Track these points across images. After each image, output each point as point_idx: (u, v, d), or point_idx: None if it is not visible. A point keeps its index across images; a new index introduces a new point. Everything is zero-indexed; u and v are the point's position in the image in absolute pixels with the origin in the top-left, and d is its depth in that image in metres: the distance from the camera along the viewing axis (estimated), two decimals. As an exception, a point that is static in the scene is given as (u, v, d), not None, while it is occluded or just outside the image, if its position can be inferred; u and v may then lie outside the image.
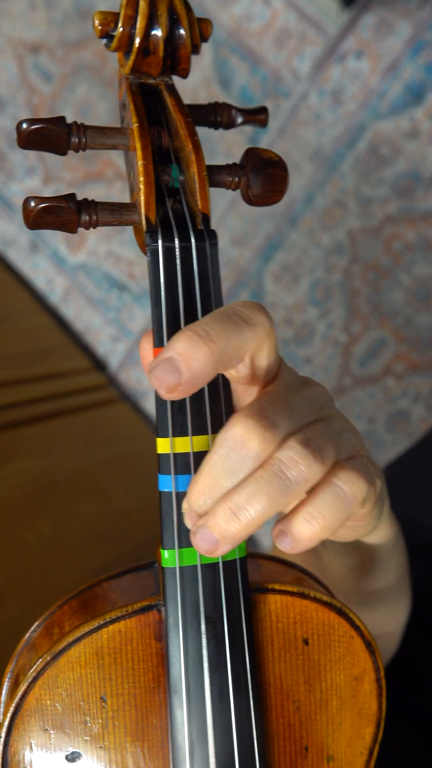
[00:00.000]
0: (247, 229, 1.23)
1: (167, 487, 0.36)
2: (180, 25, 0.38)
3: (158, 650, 0.38)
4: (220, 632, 0.37)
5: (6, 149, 1.34)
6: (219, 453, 0.32)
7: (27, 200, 0.37)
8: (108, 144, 0.40)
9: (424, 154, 1.13)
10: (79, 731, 0.37)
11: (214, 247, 0.37)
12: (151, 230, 0.36)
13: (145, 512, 1.07)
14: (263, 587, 0.40)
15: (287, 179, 0.40)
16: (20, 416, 1.08)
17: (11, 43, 1.31)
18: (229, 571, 0.37)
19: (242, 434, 0.32)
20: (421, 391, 1.18)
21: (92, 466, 1.10)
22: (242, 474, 0.32)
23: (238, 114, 0.42)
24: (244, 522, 0.32)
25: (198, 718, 0.37)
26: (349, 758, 0.42)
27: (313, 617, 0.40)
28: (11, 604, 0.82)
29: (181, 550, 0.37)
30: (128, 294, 1.32)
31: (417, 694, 0.64)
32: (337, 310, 1.20)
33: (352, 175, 1.17)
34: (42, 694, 0.37)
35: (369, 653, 0.42)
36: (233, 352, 0.33)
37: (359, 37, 1.13)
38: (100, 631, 0.37)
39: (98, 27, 0.38)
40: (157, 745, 0.38)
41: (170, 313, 0.36)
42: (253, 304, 0.34)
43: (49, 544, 0.93)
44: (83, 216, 0.37)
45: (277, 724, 0.40)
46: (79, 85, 1.28)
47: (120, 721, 0.38)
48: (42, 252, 1.35)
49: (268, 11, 1.16)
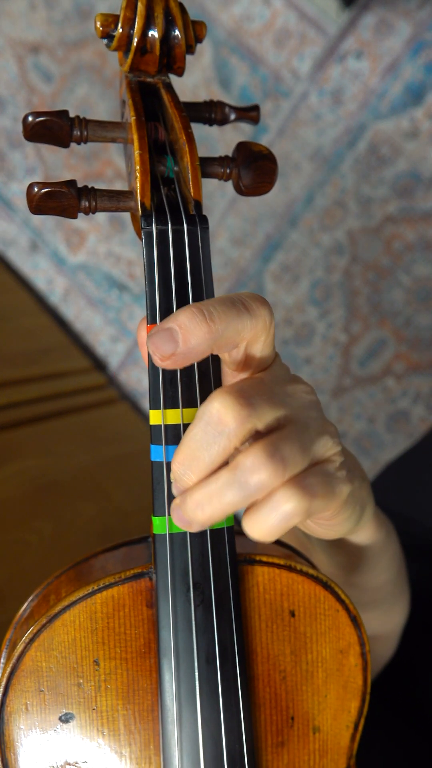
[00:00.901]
0: (247, 229, 1.23)
1: (158, 457, 0.38)
2: (175, 26, 0.41)
3: (149, 616, 0.39)
4: (207, 598, 0.39)
5: (6, 149, 1.34)
6: (198, 426, 0.34)
7: (30, 186, 0.39)
8: (108, 137, 0.43)
9: (424, 154, 1.13)
10: (73, 693, 0.39)
11: (205, 231, 0.39)
12: (146, 214, 0.39)
13: (145, 512, 1.07)
14: (251, 558, 0.41)
15: (276, 171, 0.42)
16: (20, 416, 1.08)
17: (11, 43, 1.31)
18: (217, 539, 0.39)
19: (219, 409, 0.33)
20: (421, 391, 1.18)
21: (92, 466, 1.10)
22: (216, 448, 0.34)
23: (231, 111, 0.45)
24: (208, 514, 0.34)
25: (186, 681, 0.39)
26: (335, 730, 0.43)
27: (299, 590, 0.42)
28: (11, 604, 0.82)
29: (171, 518, 0.38)
30: (128, 294, 1.32)
31: (416, 694, 0.64)
32: (337, 310, 1.20)
33: (352, 175, 1.17)
34: (38, 655, 0.39)
35: (354, 627, 0.43)
36: (230, 336, 0.35)
37: (359, 37, 1.13)
38: (93, 597, 0.39)
39: (100, 28, 0.41)
40: (148, 708, 0.39)
41: (162, 292, 0.38)
42: (258, 297, 0.36)
43: (49, 544, 0.93)
44: (83, 201, 0.40)
45: (263, 693, 0.41)
46: (79, 85, 1.28)
47: (112, 684, 0.39)
48: (42, 252, 1.35)
49: (268, 11, 1.16)
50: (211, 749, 0.39)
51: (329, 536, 0.43)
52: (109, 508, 1.05)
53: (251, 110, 0.45)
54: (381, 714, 0.56)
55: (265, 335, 0.36)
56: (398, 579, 0.54)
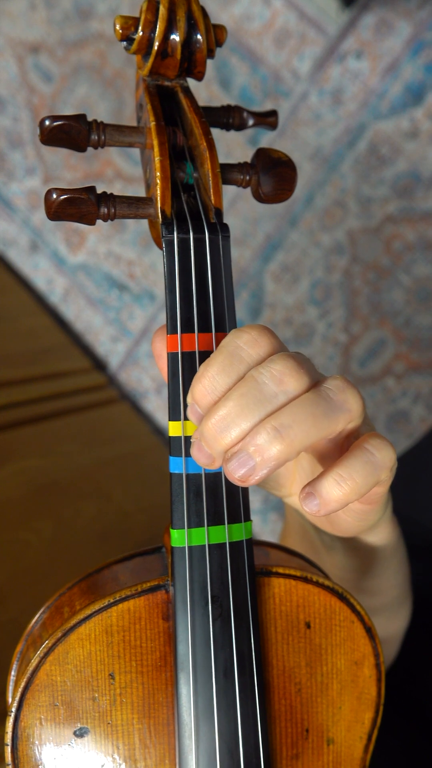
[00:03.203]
0: (247, 229, 1.23)
1: (178, 469, 0.38)
2: (197, 30, 0.40)
3: (165, 629, 0.39)
4: (226, 611, 0.38)
5: (6, 149, 1.34)
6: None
7: (49, 192, 0.38)
8: (125, 142, 0.42)
9: (424, 154, 1.13)
10: (88, 707, 0.38)
11: (226, 239, 0.39)
12: (166, 222, 0.38)
13: (145, 512, 1.07)
14: (268, 570, 0.41)
15: (296, 178, 0.42)
16: (20, 416, 1.08)
17: (11, 43, 1.31)
18: (236, 551, 0.39)
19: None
20: (421, 391, 1.18)
21: (92, 466, 1.10)
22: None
23: (250, 116, 0.45)
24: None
25: (204, 695, 0.38)
26: (349, 742, 0.43)
27: (315, 601, 0.41)
28: (11, 604, 0.82)
29: (190, 530, 0.38)
30: (128, 294, 1.32)
31: (417, 694, 0.64)
32: (337, 310, 1.20)
33: (352, 175, 1.17)
34: (52, 669, 0.38)
35: (369, 638, 0.43)
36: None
37: (359, 37, 1.13)
38: (109, 610, 0.38)
39: (119, 31, 0.40)
40: (163, 722, 0.39)
41: (183, 301, 0.38)
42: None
43: (49, 544, 0.93)
44: (102, 208, 0.39)
45: (279, 705, 0.41)
46: (79, 85, 1.28)
47: (127, 698, 0.39)
48: (42, 252, 1.35)
49: (268, 11, 1.16)
50: (227, 763, 0.39)
51: (356, 528, 0.42)
52: (109, 508, 1.05)
53: (269, 116, 0.45)
54: (383, 714, 0.56)
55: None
56: (405, 582, 0.54)
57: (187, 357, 0.38)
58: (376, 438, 0.36)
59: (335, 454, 0.39)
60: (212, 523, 0.38)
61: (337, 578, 0.50)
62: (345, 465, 0.35)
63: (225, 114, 0.44)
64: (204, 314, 0.38)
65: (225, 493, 0.38)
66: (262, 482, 0.44)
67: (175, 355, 0.38)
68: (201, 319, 0.38)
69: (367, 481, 0.35)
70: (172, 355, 0.38)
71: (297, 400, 0.34)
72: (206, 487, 0.38)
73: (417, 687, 0.65)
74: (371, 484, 0.35)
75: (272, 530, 1.25)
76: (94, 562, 0.42)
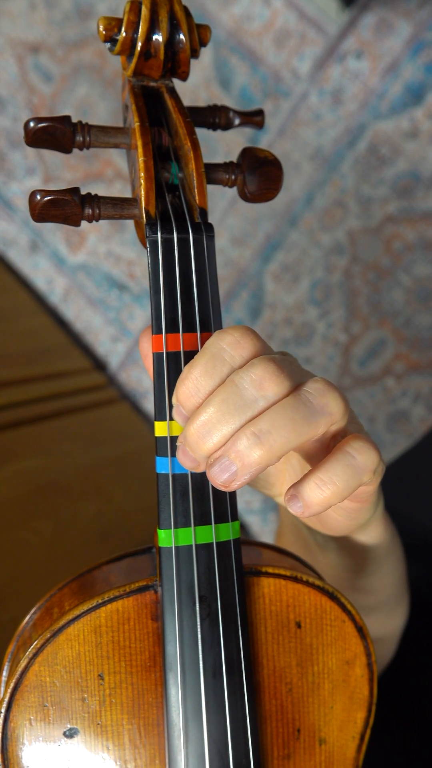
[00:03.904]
0: (247, 229, 1.23)
1: (164, 469, 0.38)
2: (180, 30, 0.40)
3: (154, 630, 0.39)
4: (214, 611, 0.39)
5: (6, 149, 1.34)
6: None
7: (33, 194, 0.39)
8: (111, 143, 0.42)
9: (424, 154, 1.13)
10: (77, 708, 0.38)
11: (210, 239, 0.39)
12: (150, 223, 0.38)
13: (145, 512, 1.07)
14: (257, 570, 0.41)
15: (282, 177, 0.42)
16: (20, 416, 1.08)
17: (11, 43, 1.31)
18: (223, 551, 0.39)
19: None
20: (421, 391, 1.18)
21: (92, 466, 1.10)
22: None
23: (236, 116, 0.44)
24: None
25: (192, 696, 0.38)
26: (341, 742, 0.43)
27: (305, 601, 0.41)
28: (11, 604, 0.82)
29: (176, 530, 0.38)
30: (128, 294, 1.32)
31: (415, 694, 0.64)
32: (337, 310, 1.20)
33: (352, 175, 1.17)
34: (41, 670, 0.38)
35: (360, 638, 0.43)
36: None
37: (359, 37, 1.12)
38: (98, 610, 0.39)
39: (102, 32, 0.40)
40: (153, 722, 0.39)
41: (168, 301, 0.38)
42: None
43: (49, 544, 0.93)
44: (86, 209, 0.39)
45: (269, 705, 0.41)
46: (79, 85, 1.28)
47: (117, 698, 0.39)
48: (42, 252, 1.35)
49: (268, 11, 1.16)
50: (217, 763, 0.39)
51: (346, 527, 0.42)
52: (109, 508, 1.05)
53: (255, 115, 0.45)
54: (380, 714, 0.56)
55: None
56: (401, 582, 0.54)
57: (172, 357, 0.38)
58: (358, 441, 0.36)
59: (322, 453, 0.39)
60: (199, 523, 0.38)
61: (331, 577, 0.50)
62: (325, 469, 0.35)
63: (211, 114, 0.44)
64: (189, 314, 0.38)
65: (212, 493, 0.38)
66: (252, 482, 0.44)
67: (161, 356, 0.38)
68: (186, 320, 0.38)
69: (349, 485, 0.35)
70: (158, 355, 0.38)
71: (277, 405, 0.34)
72: (193, 487, 0.38)
73: (415, 687, 0.65)
74: (353, 487, 0.35)
75: (272, 530, 1.25)
76: (93, 562, 0.42)
